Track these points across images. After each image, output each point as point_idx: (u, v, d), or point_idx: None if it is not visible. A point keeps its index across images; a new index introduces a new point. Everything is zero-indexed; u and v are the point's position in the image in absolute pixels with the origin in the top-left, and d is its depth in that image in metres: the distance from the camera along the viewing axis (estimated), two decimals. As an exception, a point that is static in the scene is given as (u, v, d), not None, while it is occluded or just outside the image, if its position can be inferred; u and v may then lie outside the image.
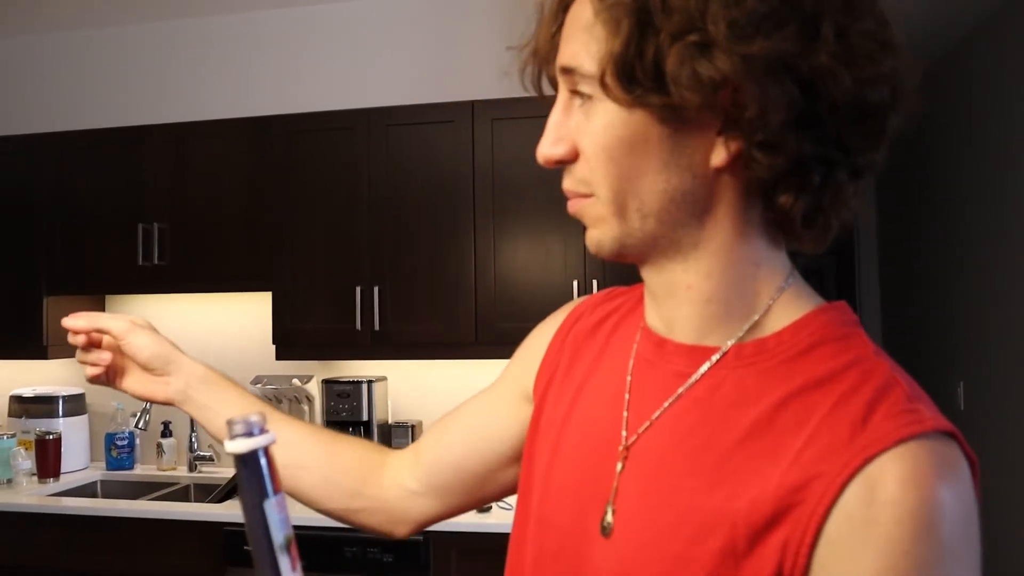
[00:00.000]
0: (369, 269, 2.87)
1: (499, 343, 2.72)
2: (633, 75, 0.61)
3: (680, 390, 0.69)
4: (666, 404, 0.70)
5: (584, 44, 0.65)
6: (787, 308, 0.69)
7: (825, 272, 6.09)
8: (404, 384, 3.12)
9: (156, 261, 3.03)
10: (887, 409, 0.60)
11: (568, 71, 0.67)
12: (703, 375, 0.69)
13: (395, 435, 2.98)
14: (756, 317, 0.68)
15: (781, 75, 0.59)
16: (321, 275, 2.91)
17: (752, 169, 0.63)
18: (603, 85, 0.63)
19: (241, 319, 3.28)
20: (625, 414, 0.73)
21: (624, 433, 0.72)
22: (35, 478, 3.05)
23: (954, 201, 3.68)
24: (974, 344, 3.48)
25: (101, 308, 3.43)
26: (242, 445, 0.61)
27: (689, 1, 0.59)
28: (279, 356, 2.94)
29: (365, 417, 2.91)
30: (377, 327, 2.84)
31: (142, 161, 3.08)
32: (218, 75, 3.35)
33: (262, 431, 0.62)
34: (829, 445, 0.60)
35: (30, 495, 2.89)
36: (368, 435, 2.92)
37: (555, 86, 0.72)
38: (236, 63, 3.34)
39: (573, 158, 0.68)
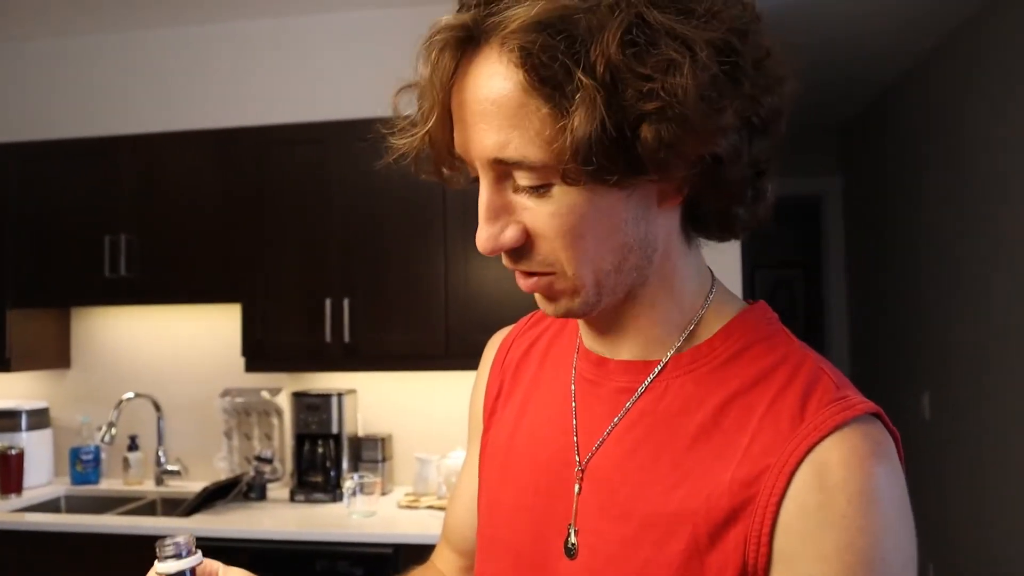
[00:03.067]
0: (339, 281, 2.86)
1: (470, 355, 2.71)
2: (606, 163, 0.59)
3: (627, 406, 0.72)
4: (615, 421, 0.72)
5: (518, 132, 0.61)
6: (716, 315, 0.73)
7: (793, 284, 6.17)
8: (374, 397, 3.11)
9: (123, 273, 3.00)
10: (819, 399, 0.65)
11: (502, 163, 0.62)
12: (646, 388, 0.72)
13: (364, 447, 2.97)
14: (691, 328, 0.72)
15: (740, 128, 0.63)
16: (291, 287, 2.90)
17: (707, 203, 0.68)
18: (565, 175, 0.60)
19: (210, 332, 3.25)
20: (575, 438, 0.75)
21: (577, 457, 0.74)
22: (-3, 494, 3.00)
23: (918, 214, 3.75)
24: (939, 355, 3.54)
25: (66, 321, 3.38)
26: (172, 566, 0.70)
27: (653, 81, 0.58)
28: (248, 368, 2.92)
29: (335, 430, 2.89)
30: (347, 339, 2.83)
31: (110, 172, 3.05)
32: (188, 86, 3.34)
33: (190, 552, 0.72)
34: (772, 438, 0.64)
35: (-9, 511, 2.83)
36: (338, 449, 2.91)
37: (450, 168, 0.69)
38: (206, 74, 3.32)
39: (525, 242, 0.65)
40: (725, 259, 2.76)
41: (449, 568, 0.97)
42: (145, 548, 2.79)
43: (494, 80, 0.61)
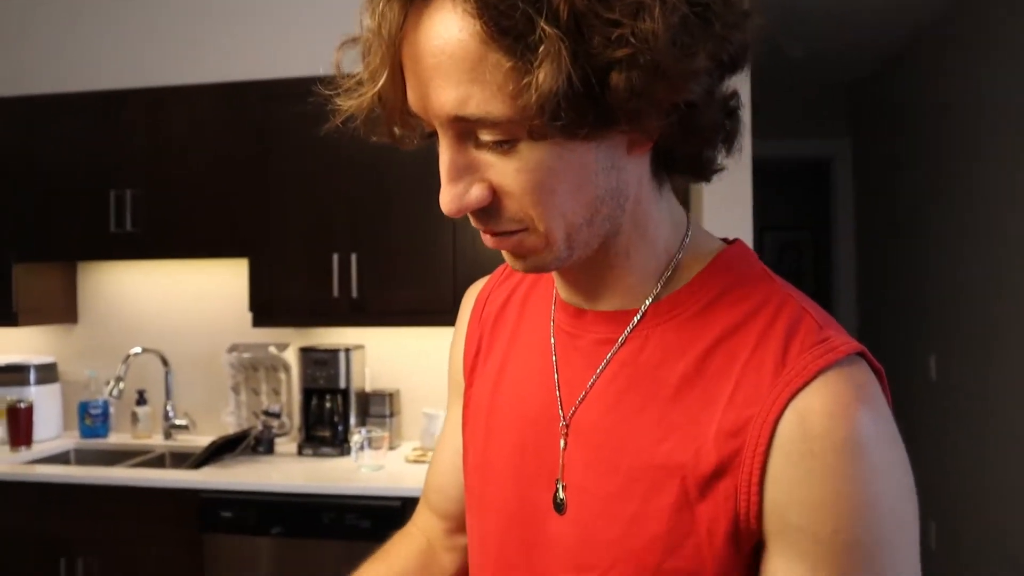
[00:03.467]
0: (346, 236, 2.85)
1: (477, 311, 2.71)
2: (575, 116, 0.56)
3: (607, 358, 0.71)
4: (596, 374, 0.71)
5: (478, 88, 0.57)
6: (693, 259, 0.71)
7: (802, 247, 6.14)
8: (382, 352, 3.11)
9: (129, 228, 2.99)
10: (801, 342, 0.64)
11: (463, 120, 0.59)
12: (627, 338, 0.70)
13: (372, 403, 2.98)
14: (669, 273, 0.70)
15: (712, 70, 0.60)
16: (298, 242, 2.88)
17: (679, 148, 0.65)
18: (531, 130, 0.57)
19: (217, 287, 3.25)
20: (558, 392, 0.74)
21: (561, 412, 0.73)
22: (7, 447, 3.01)
23: (929, 177, 3.71)
24: (945, 319, 3.53)
25: (73, 276, 3.38)
26: None
27: (621, 26, 0.54)
28: (256, 323, 2.92)
29: (343, 385, 2.90)
30: (355, 295, 2.82)
31: (114, 126, 3.02)
32: (194, 40, 3.29)
33: None
34: (755, 387, 0.63)
35: (2, 463, 2.85)
36: (345, 404, 2.92)
37: (403, 127, 0.66)
38: (213, 28, 3.28)
39: (492, 200, 0.62)
40: (735, 220, 2.74)
41: (431, 532, 0.96)
42: (155, 500, 2.81)
43: (449, 32, 0.56)
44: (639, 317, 0.70)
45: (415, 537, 0.97)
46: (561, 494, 0.71)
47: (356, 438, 2.73)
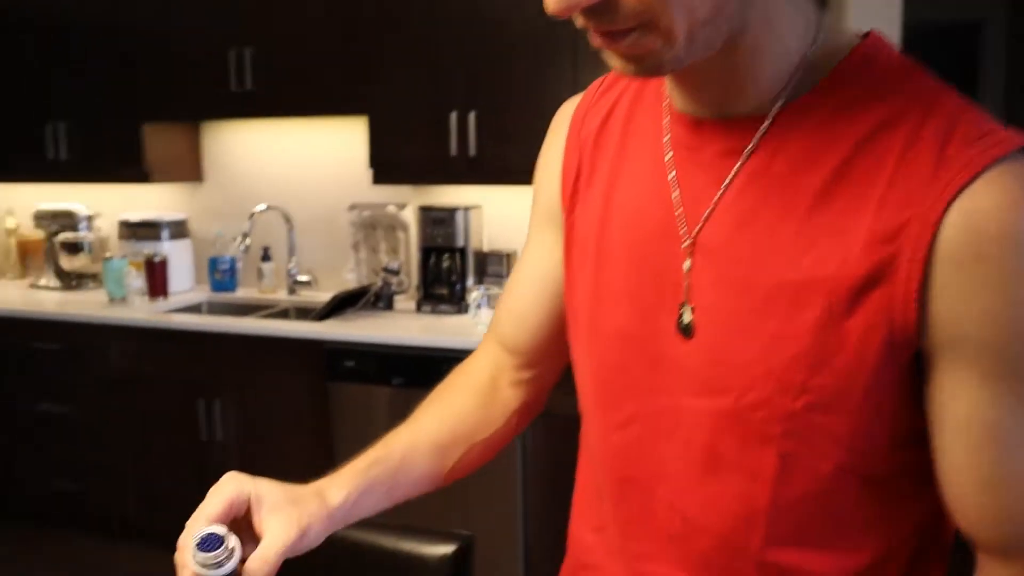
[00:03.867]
0: (464, 94, 2.79)
1: (599, 169, 2.63)
2: None
3: (734, 170, 0.64)
4: (722, 188, 0.65)
5: None
6: (827, 55, 0.63)
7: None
8: (499, 212, 3.09)
9: (249, 87, 3.00)
10: (963, 136, 0.56)
11: None
12: (755, 148, 0.63)
13: (489, 263, 2.98)
14: (799, 75, 0.62)
15: None
16: (416, 100, 2.84)
17: None
18: None
19: (337, 145, 3.27)
20: (679, 209, 0.68)
21: (684, 231, 0.67)
22: (146, 297, 3.19)
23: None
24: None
25: (196, 136, 3.46)
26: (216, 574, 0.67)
27: None
28: (376, 181, 2.93)
29: (460, 244, 2.91)
30: (472, 153, 2.78)
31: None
32: None
33: (228, 555, 0.66)
34: (912, 187, 0.56)
35: (143, 311, 3.03)
36: (463, 262, 2.93)
37: None
38: None
39: None
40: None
41: (498, 365, 0.91)
42: (283, 350, 2.91)
43: None
44: (768, 123, 0.63)
45: (476, 372, 0.92)
46: (688, 316, 0.66)
47: (474, 295, 2.75)
